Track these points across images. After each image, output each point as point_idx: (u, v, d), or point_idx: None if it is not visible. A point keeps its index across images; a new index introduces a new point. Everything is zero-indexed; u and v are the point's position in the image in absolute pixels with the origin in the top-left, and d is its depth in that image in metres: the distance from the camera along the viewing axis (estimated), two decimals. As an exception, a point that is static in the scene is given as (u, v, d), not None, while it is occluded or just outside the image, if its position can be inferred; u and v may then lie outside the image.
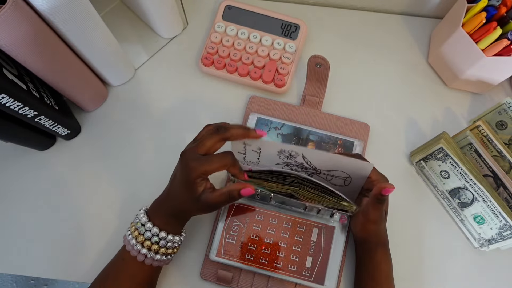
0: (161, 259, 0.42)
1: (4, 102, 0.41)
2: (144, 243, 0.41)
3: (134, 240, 0.41)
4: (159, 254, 0.42)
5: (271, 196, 0.50)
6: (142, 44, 0.61)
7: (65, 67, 0.47)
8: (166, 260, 0.43)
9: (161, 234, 0.41)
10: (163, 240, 0.42)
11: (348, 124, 0.56)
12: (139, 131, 0.57)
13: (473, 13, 0.51)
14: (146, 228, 0.41)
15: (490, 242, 0.49)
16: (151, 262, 0.42)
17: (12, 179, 0.54)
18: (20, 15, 0.37)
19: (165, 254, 0.43)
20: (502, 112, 0.51)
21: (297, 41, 0.58)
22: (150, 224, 0.41)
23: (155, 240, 0.41)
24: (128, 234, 0.42)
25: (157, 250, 0.41)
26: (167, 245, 0.42)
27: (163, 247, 0.42)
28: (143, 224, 0.41)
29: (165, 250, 0.42)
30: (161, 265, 0.43)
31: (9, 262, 0.51)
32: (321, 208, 0.49)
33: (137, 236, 0.41)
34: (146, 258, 0.41)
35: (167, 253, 0.43)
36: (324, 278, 0.48)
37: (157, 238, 0.41)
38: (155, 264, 0.42)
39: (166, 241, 0.42)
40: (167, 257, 0.43)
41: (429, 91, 0.59)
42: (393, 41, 0.62)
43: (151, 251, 0.41)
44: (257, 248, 0.49)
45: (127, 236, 0.42)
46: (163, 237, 0.41)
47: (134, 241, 0.41)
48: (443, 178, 0.51)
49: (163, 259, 0.42)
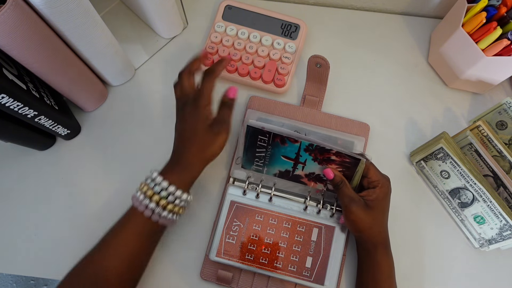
0: (167, 217, 0.43)
1: (4, 102, 0.41)
2: (153, 197, 0.42)
3: (143, 195, 0.42)
4: (166, 211, 0.42)
5: (271, 196, 0.50)
6: (142, 44, 0.61)
7: (65, 67, 0.47)
8: (171, 220, 0.43)
9: (170, 188, 0.42)
10: (172, 196, 0.42)
11: (348, 124, 0.56)
12: (139, 131, 0.57)
13: (473, 13, 0.51)
14: (156, 182, 0.42)
15: (490, 242, 0.49)
16: (157, 219, 0.42)
17: (12, 179, 0.54)
18: (20, 15, 0.37)
19: (172, 212, 0.43)
20: (502, 112, 0.51)
21: (297, 41, 0.58)
22: (160, 178, 0.42)
23: (164, 194, 0.42)
24: (138, 195, 0.43)
25: (165, 205, 0.42)
26: (175, 201, 0.43)
27: (170, 203, 0.43)
28: (153, 179, 0.43)
29: (172, 206, 0.43)
30: (166, 224, 0.44)
31: (9, 262, 0.51)
32: (324, 192, 0.50)
33: (146, 191, 0.42)
34: (153, 214, 0.42)
35: (173, 210, 0.43)
36: (324, 278, 0.48)
37: (165, 193, 0.42)
38: (161, 222, 0.43)
39: (174, 197, 0.43)
40: (173, 216, 0.43)
41: (429, 91, 0.59)
42: (393, 41, 0.62)
43: (159, 206, 0.42)
44: (257, 248, 0.49)
45: (135, 194, 0.43)
46: (171, 191, 0.42)
47: (142, 196, 0.42)
48: (443, 178, 0.51)
49: (169, 217, 0.43)
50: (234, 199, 0.50)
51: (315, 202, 0.50)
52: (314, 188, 0.51)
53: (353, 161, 0.46)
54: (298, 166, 0.49)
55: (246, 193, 0.51)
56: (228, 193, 0.50)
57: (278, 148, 0.48)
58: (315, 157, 0.47)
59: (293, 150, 0.47)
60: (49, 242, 0.51)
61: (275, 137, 0.46)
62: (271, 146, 0.48)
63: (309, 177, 0.50)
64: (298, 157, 0.48)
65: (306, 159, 0.48)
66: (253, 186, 0.51)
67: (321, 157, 0.47)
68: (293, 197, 0.51)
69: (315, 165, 0.48)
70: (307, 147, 0.46)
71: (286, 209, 0.50)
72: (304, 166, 0.48)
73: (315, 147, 0.46)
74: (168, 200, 0.42)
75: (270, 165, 0.50)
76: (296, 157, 0.48)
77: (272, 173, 0.51)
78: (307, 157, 0.47)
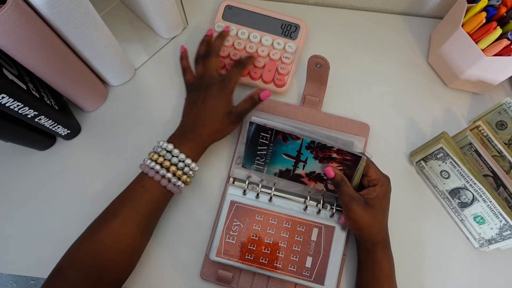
0: (180, 186, 0.46)
1: (4, 102, 0.41)
2: (170, 168, 0.45)
3: (159, 165, 0.45)
4: (180, 180, 0.46)
5: (271, 196, 0.50)
6: (142, 44, 0.61)
7: (65, 67, 0.47)
8: (180, 189, 0.47)
9: (187, 160, 0.46)
10: (187, 167, 0.46)
11: (348, 124, 0.56)
12: (139, 131, 0.57)
13: (473, 13, 0.51)
14: (174, 154, 0.45)
15: (490, 242, 0.49)
16: (172, 188, 0.45)
17: (12, 179, 0.54)
18: (20, 15, 0.37)
19: (184, 182, 0.47)
20: (502, 112, 0.51)
21: (297, 41, 0.58)
22: (177, 150, 0.45)
23: (181, 166, 0.45)
24: (149, 162, 0.45)
25: (180, 176, 0.46)
26: (189, 172, 0.46)
27: (185, 174, 0.46)
28: (169, 151, 0.45)
29: (186, 177, 0.46)
30: (176, 192, 0.47)
31: (9, 262, 0.51)
32: (324, 192, 0.50)
33: (162, 162, 0.45)
34: (169, 183, 0.45)
35: (186, 180, 0.46)
36: (324, 278, 0.48)
37: (182, 164, 0.45)
38: (174, 190, 0.46)
39: (189, 168, 0.46)
40: (183, 185, 0.47)
41: (429, 91, 0.59)
42: (393, 41, 0.62)
43: (175, 176, 0.45)
44: (257, 248, 0.49)
45: (148, 163, 0.45)
46: (188, 163, 0.46)
47: (159, 166, 0.44)
48: (443, 178, 0.51)
49: (181, 186, 0.46)
50: (234, 199, 0.50)
51: (315, 202, 0.50)
52: (314, 188, 0.51)
53: (354, 159, 0.46)
54: (299, 165, 0.49)
55: (246, 193, 0.51)
56: (228, 193, 0.50)
57: (280, 146, 0.48)
58: (316, 155, 0.47)
59: (295, 148, 0.47)
60: (49, 242, 0.51)
61: (277, 134, 0.47)
62: (273, 143, 0.48)
63: (309, 177, 0.50)
64: (299, 155, 0.48)
65: (307, 157, 0.48)
66: (253, 186, 0.51)
67: (322, 155, 0.47)
68: (293, 197, 0.51)
69: (316, 163, 0.48)
70: (308, 144, 0.46)
71: (286, 209, 0.50)
72: (305, 165, 0.48)
73: (316, 145, 0.46)
74: (184, 171, 0.46)
75: (271, 164, 0.50)
76: (297, 155, 0.48)
77: (273, 172, 0.51)
78: (308, 155, 0.47)
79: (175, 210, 0.53)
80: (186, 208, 0.53)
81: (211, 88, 0.49)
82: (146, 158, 0.46)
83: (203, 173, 0.54)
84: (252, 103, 0.50)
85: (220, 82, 0.49)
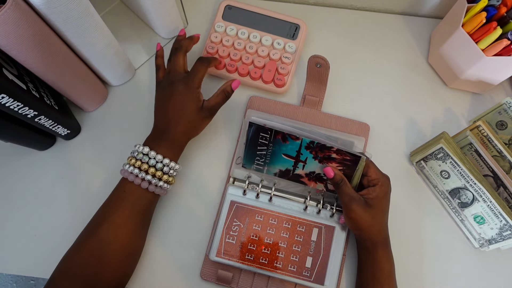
0: (163, 187, 0.46)
1: (4, 102, 0.41)
2: (149, 170, 0.45)
3: (137, 169, 0.44)
4: (162, 181, 0.46)
5: (271, 196, 0.50)
6: (142, 44, 0.61)
7: (65, 67, 0.47)
8: (165, 189, 0.47)
9: (164, 160, 0.45)
10: (166, 167, 0.46)
11: (348, 124, 0.56)
12: (139, 131, 0.56)
13: (473, 13, 0.51)
14: (150, 156, 0.45)
15: (490, 242, 0.49)
16: (154, 189, 0.45)
17: (12, 179, 0.54)
18: (20, 15, 0.37)
19: (167, 182, 0.46)
20: (502, 112, 0.51)
21: (297, 41, 0.58)
22: (154, 152, 0.45)
23: (159, 166, 0.45)
24: (127, 167, 0.45)
25: (160, 176, 0.46)
26: (169, 172, 0.46)
27: (166, 174, 0.46)
28: (145, 153, 0.45)
29: (167, 177, 0.46)
30: (161, 193, 0.47)
31: (9, 262, 0.51)
32: (324, 192, 0.50)
33: (140, 166, 0.45)
34: (150, 185, 0.45)
35: (168, 180, 0.46)
36: (324, 278, 0.48)
37: (161, 165, 0.45)
38: (157, 192, 0.46)
39: (169, 168, 0.46)
40: (167, 185, 0.47)
41: (429, 91, 0.59)
42: (393, 41, 0.62)
43: (155, 178, 0.45)
44: (257, 248, 0.49)
45: (126, 168, 0.45)
46: (166, 163, 0.46)
47: (137, 170, 0.44)
48: (443, 178, 0.51)
49: (164, 186, 0.46)
50: (234, 199, 0.50)
51: (315, 202, 0.50)
52: (314, 188, 0.51)
53: (354, 159, 0.46)
54: (298, 165, 0.49)
55: (246, 193, 0.51)
56: (228, 193, 0.50)
57: (279, 146, 0.48)
58: (315, 155, 0.47)
59: (294, 148, 0.47)
60: (49, 242, 0.51)
61: (276, 134, 0.47)
62: (273, 143, 0.48)
63: (309, 177, 0.50)
64: (299, 155, 0.48)
65: (307, 157, 0.48)
66: (253, 186, 0.51)
67: (321, 155, 0.47)
68: (293, 197, 0.51)
69: (316, 163, 0.48)
70: (308, 144, 0.46)
71: (286, 209, 0.50)
72: (305, 165, 0.48)
73: (316, 145, 0.46)
74: (163, 171, 0.46)
75: (271, 164, 0.50)
76: (297, 155, 0.48)
77: (273, 172, 0.51)
78: (308, 155, 0.47)
79: (175, 210, 0.53)
80: (186, 208, 0.53)
81: (176, 84, 0.48)
82: (125, 163, 0.46)
83: (203, 173, 0.54)
84: (225, 96, 0.50)
85: (185, 78, 0.48)
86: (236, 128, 0.57)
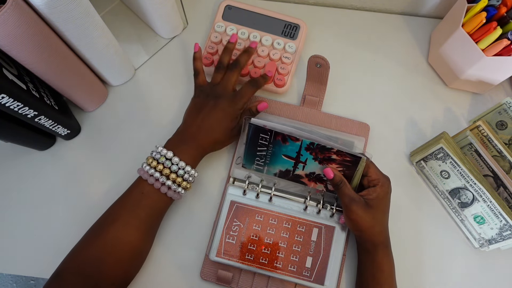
0: (181, 192, 0.47)
1: (4, 102, 0.41)
2: (170, 175, 0.45)
3: (158, 173, 0.45)
4: (181, 187, 0.46)
5: (271, 196, 0.50)
6: (142, 44, 0.61)
7: (65, 67, 0.47)
8: (181, 195, 0.47)
9: (186, 168, 0.46)
10: (187, 174, 0.46)
11: (348, 124, 0.56)
12: (139, 131, 0.57)
13: (473, 13, 0.51)
14: (173, 162, 0.45)
15: (490, 242, 0.49)
16: (172, 194, 0.46)
17: (12, 179, 0.54)
18: (20, 15, 0.37)
19: (185, 188, 0.47)
20: (502, 112, 0.51)
21: (297, 41, 0.58)
22: (177, 158, 0.45)
23: (181, 173, 0.46)
24: (148, 169, 0.45)
25: (180, 182, 0.46)
26: (189, 178, 0.47)
27: (185, 180, 0.46)
28: (168, 158, 0.45)
29: (186, 183, 0.46)
30: (176, 198, 0.47)
31: (9, 262, 0.51)
32: (324, 192, 0.50)
33: (162, 170, 0.45)
34: (169, 190, 0.45)
35: (186, 187, 0.47)
36: (324, 278, 0.48)
37: (182, 171, 0.46)
38: (174, 197, 0.46)
39: (189, 175, 0.46)
40: (184, 191, 0.47)
41: (429, 91, 0.59)
42: (393, 41, 0.62)
43: (175, 183, 0.46)
44: (257, 248, 0.49)
45: (146, 170, 0.45)
46: (187, 170, 0.46)
47: (158, 173, 0.45)
48: (443, 178, 0.51)
49: (182, 192, 0.47)
50: (234, 199, 0.50)
51: (315, 202, 0.50)
52: (314, 188, 0.51)
53: (354, 159, 0.46)
54: (298, 166, 0.49)
55: (246, 193, 0.51)
56: (228, 193, 0.50)
57: (279, 147, 0.48)
58: (315, 156, 0.47)
59: (294, 149, 0.47)
60: (49, 242, 0.51)
61: (276, 135, 0.47)
62: (272, 144, 0.48)
63: (309, 177, 0.50)
64: (299, 156, 0.48)
65: (307, 158, 0.48)
66: (253, 186, 0.51)
67: (321, 156, 0.47)
68: (293, 197, 0.51)
69: (316, 164, 0.48)
70: (308, 146, 0.46)
71: (286, 209, 0.50)
72: (305, 166, 0.48)
73: (316, 146, 0.46)
74: (184, 178, 0.46)
75: (271, 164, 0.50)
76: (297, 156, 0.48)
77: (273, 172, 0.51)
78: (308, 156, 0.47)
79: (175, 210, 0.53)
80: (186, 208, 0.53)
81: (221, 99, 0.48)
82: (145, 164, 0.46)
83: (203, 173, 0.54)
84: (250, 115, 0.51)
85: (232, 97, 0.49)
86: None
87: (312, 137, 0.46)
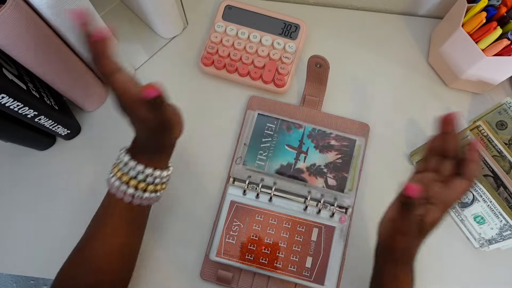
0: (150, 197, 0.40)
1: (4, 102, 0.41)
2: (130, 182, 0.39)
3: (118, 181, 0.39)
4: (147, 192, 0.40)
5: (271, 196, 0.50)
6: (142, 44, 0.61)
7: (65, 67, 0.47)
8: (155, 198, 0.41)
9: (146, 170, 0.39)
10: (150, 177, 0.39)
11: (348, 124, 0.56)
12: (139, 131, 0.56)
13: (473, 13, 0.51)
14: (130, 167, 0.38)
15: (490, 242, 0.49)
16: (139, 202, 0.40)
17: (12, 179, 0.54)
18: (20, 15, 0.37)
19: (154, 191, 0.40)
20: (502, 112, 0.51)
21: (297, 41, 0.58)
22: (133, 162, 0.39)
23: (141, 178, 0.39)
24: (111, 177, 0.39)
25: (145, 188, 0.39)
26: (155, 181, 0.40)
27: (151, 184, 0.40)
28: (125, 163, 0.39)
29: (153, 187, 0.40)
30: (150, 203, 0.42)
31: (9, 262, 0.51)
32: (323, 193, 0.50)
33: (121, 177, 0.39)
34: (133, 198, 0.39)
35: (155, 190, 0.40)
36: (324, 278, 0.48)
37: (143, 176, 0.39)
38: (144, 203, 0.40)
39: (153, 178, 0.40)
40: (155, 194, 0.41)
41: (429, 91, 0.59)
42: (393, 41, 0.62)
43: (138, 190, 0.39)
44: (257, 248, 0.49)
45: (109, 178, 0.40)
46: (149, 173, 0.39)
47: (118, 182, 0.39)
48: (443, 178, 0.51)
49: (152, 196, 0.40)
50: (234, 199, 0.50)
51: (315, 202, 0.50)
52: (314, 185, 0.51)
53: (350, 143, 0.49)
54: (300, 157, 0.50)
55: (246, 193, 0.51)
56: (228, 193, 0.50)
57: (284, 136, 0.50)
58: (317, 144, 0.50)
59: (297, 137, 0.50)
60: (49, 242, 0.51)
61: (282, 123, 0.50)
62: (277, 134, 0.50)
63: (310, 171, 0.50)
64: (301, 145, 0.49)
65: (309, 147, 0.49)
66: (253, 186, 0.51)
67: (321, 143, 0.50)
68: (293, 197, 0.51)
69: (317, 153, 0.49)
70: (310, 133, 0.50)
71: (286, 209, 0.50)
72: (306, 157, 0.49)
73: (317, 132, 0.50)
74: (147, 182, 0.39)
75: (274, 158, 0.51)
76: (299, 146, 0.49)
77: (274, 168, 0.51)
78: (310, 145, 0.49)
79: (175, 210, 0.53)
80: (186, 208, 0.53)
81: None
82: (110, 171, 0.41)
83: (203, 173, 0.54)
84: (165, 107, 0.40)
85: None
86: (236, 128, 0.56)
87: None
